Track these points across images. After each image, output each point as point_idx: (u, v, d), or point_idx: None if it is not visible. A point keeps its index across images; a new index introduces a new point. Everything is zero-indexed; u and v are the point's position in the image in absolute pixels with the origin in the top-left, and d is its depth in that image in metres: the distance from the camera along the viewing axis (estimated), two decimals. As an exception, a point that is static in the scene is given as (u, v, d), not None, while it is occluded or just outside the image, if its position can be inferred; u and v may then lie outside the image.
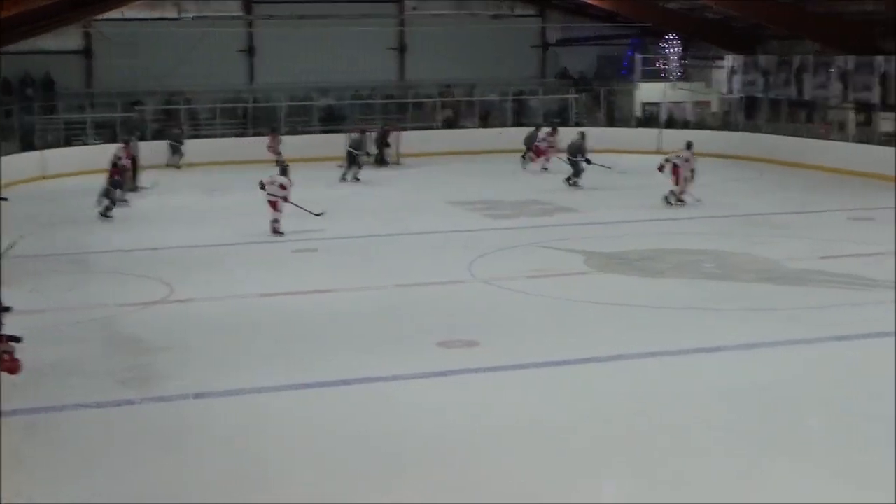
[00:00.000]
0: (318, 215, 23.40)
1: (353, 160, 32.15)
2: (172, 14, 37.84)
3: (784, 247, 20.71)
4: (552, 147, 32.92)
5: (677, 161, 25.80)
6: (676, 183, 25.79)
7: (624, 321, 15.56)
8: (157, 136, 36.89)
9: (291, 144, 34.95)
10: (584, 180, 29.37)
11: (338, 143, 34.27)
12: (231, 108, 39.62)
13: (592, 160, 29.60)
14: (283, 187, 22.44)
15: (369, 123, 37.65)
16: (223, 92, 39.93)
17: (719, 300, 16.78)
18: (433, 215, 25.58)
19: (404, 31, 42.73)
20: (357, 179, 31.89)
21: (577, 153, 29.80)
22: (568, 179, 29.62)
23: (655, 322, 15.44)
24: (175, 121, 38.33)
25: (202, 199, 29.04)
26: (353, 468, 10.16)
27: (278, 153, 33.40)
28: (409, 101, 40.96)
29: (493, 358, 13.60)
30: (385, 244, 21.86)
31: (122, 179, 26.59)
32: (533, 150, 33.72)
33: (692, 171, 25.88)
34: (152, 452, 10.53)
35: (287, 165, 23.54)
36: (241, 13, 40.98)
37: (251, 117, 39.12)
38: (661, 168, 26.14)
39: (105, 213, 24.90)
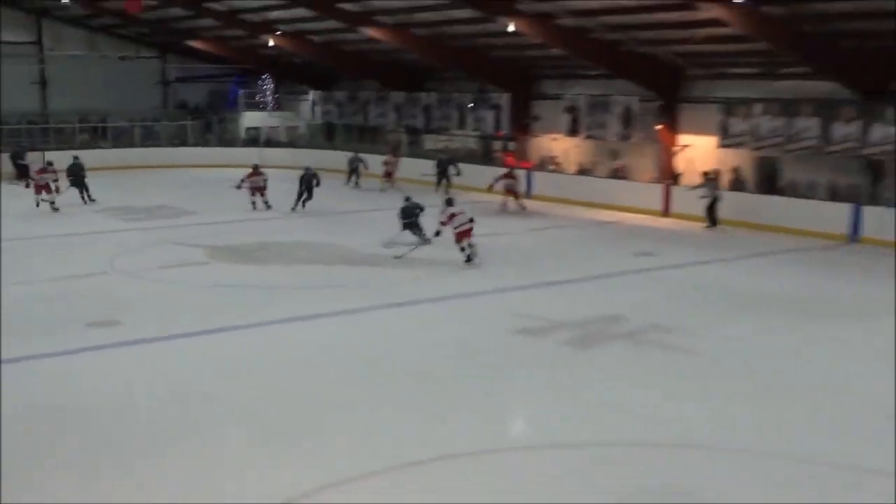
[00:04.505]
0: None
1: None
2: None
3: (357, 237, 21.43)
4: None
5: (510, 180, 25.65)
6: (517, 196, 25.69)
7: (241, 299, 15.60)
8: None
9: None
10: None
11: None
12: None
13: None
14: None
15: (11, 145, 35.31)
16: None
17: (312, 279, 17.24)
18: (77, 220, 24.26)
19: (45, 69, 40.21)
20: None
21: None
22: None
23: (265, 299, 15.60)
24: None
25: None
26: (8, 444, 9.29)
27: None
28: (51, 126, 38.67)
29: (135, 333, 13.27)
30: (33, 245, 20.54)
31: None
32: None
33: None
34: None
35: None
36: None
37: None
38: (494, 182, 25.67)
39: None
